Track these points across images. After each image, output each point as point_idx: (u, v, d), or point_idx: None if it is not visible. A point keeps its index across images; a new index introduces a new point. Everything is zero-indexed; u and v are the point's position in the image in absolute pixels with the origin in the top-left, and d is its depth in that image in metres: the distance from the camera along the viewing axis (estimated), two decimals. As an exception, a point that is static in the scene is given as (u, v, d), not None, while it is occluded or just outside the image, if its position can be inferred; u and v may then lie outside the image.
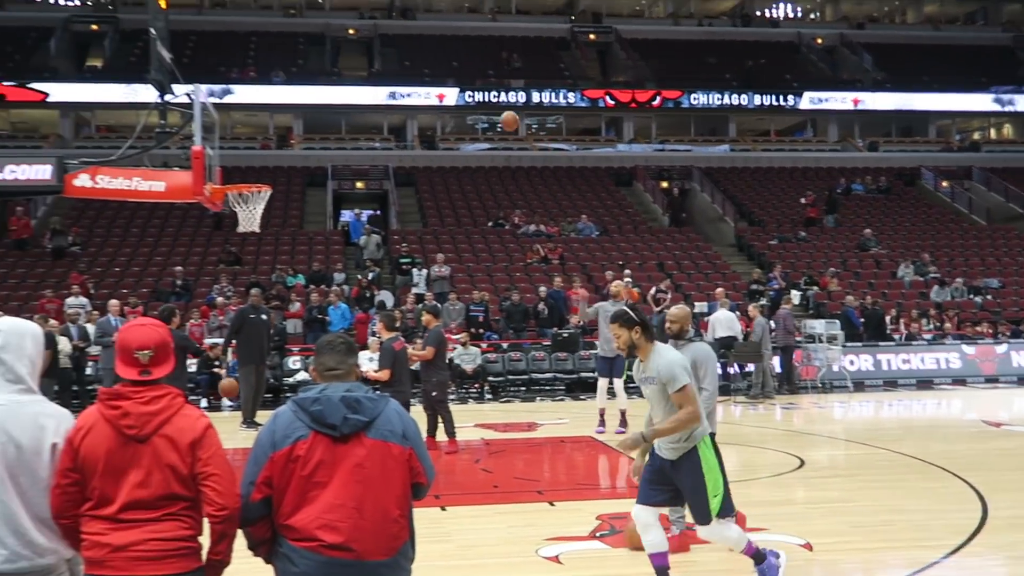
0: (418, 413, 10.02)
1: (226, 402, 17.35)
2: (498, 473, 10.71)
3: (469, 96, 36.29)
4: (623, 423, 12.91)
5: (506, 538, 7.58)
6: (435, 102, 36.44)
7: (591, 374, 19.26)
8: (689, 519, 6.19)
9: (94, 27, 38.34)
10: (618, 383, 13.16)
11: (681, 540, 6.89)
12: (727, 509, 5.81)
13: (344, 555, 3.43)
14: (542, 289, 22.06)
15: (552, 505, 8.81)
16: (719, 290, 20.72)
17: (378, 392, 3.76)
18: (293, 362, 19.39)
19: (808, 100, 38.19)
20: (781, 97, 38.16)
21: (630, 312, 5.76)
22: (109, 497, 3.43)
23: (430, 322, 11.92)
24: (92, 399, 17.12)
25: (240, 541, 3.57)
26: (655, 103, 37.35)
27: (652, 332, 5.77)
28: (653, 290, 21.35)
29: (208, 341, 18.99)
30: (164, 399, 3.53)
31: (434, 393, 11.73)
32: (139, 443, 3.44)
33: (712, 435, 5.97)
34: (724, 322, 18.77)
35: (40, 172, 12.04)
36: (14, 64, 35.65)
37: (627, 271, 22.73)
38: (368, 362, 17.89)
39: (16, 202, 24.69)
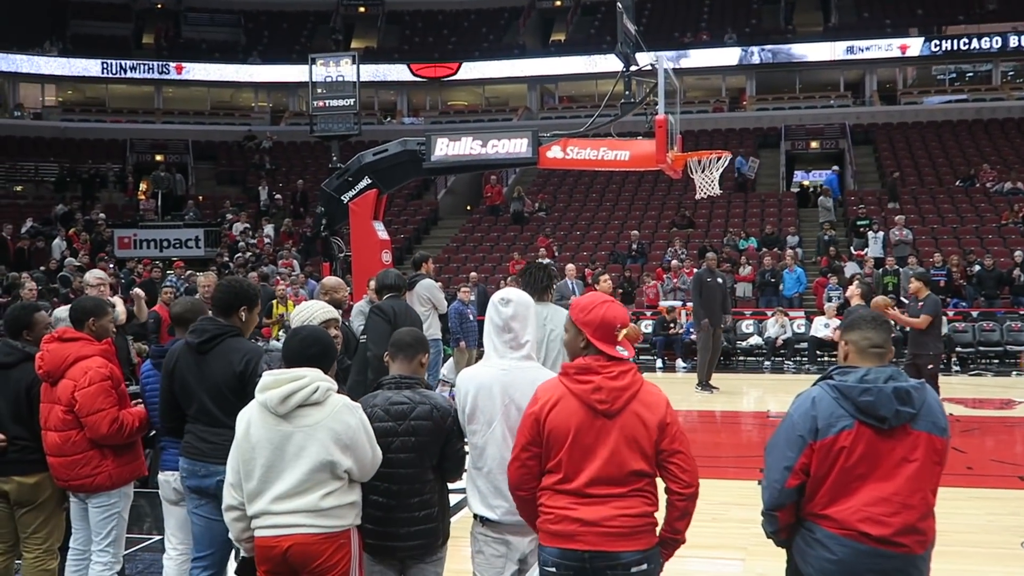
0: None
1: (680, 363, 17.78)
2: (971, 453, 9.92)
3: (935, 45, 33.97)
4: None
5: (985, 526, 7.07)
6: (897, 54, 34.51)
7: (1078, 348, 17.52)
8: None
9: (557, 3, 40.63)
10: None
11: None
12: None
13: (891, 548, 3.30)
14: (1018, 253, 20.17)
15: (1037, 494, 8.08)
16: None
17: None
18: (746, 326, 19.36)
19: None
20: None
21: None
22: (575, 472, 3.49)
23: (919, 290, 11.19)
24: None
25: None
26: None
27: None
28: None
29: (663, 303, 19.57)
30: (630, 374, 3.53)
31: (929, 366, 11.04)
32: (608, 418, 3.47)
33: None
34: None
35: (518, 146, 12.96)
36: (488, 44, 38.88)
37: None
38: (824, 328, 17.52)
39: (491, 171, 26.86)
